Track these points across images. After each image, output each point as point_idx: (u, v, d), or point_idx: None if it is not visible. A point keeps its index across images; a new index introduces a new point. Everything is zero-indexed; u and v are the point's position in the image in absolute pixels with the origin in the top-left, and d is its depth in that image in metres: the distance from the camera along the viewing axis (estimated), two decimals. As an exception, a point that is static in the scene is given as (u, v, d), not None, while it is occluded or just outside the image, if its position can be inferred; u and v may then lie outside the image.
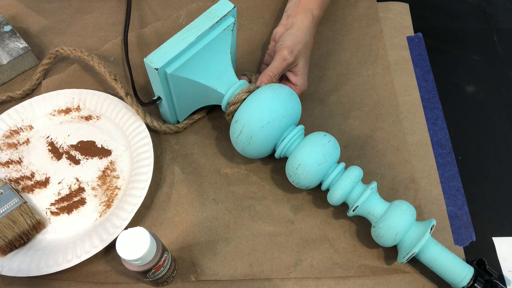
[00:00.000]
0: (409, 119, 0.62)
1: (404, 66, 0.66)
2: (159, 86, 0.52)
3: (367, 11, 0.71)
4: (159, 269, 0.45)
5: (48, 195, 0.55)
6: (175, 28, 0.69)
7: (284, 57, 0.55)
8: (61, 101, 0.61)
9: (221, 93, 0.53)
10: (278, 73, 0.55)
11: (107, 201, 0.55)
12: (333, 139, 0.50)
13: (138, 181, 0.54)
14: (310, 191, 0.56)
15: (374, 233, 0.49)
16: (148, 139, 0.57)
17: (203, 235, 0.53)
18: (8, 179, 0.56)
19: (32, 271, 0.48)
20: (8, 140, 0.58)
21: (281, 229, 0.54)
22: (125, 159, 0.57)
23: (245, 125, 0.49)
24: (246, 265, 0.52)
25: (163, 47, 0.49)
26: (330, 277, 0.51)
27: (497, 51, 0.69)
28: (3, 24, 0.66)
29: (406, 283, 0.51)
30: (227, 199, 0.56)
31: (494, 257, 0.53)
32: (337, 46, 0.68)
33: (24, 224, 0.51)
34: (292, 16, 0.60)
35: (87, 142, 0.59)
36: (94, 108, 0.60)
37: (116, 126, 0.59)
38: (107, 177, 0.56)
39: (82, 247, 0.50)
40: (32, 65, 0.66)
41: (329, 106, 0.63)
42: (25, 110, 0.60)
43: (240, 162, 0.58)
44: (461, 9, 0.73)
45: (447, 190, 0.57)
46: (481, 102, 0.64)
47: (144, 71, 0.65)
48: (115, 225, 0.51)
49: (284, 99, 0.50)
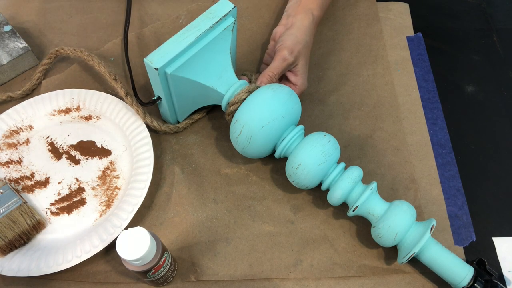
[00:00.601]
0: (409, 119, 0.62)
1: (404, 66, 0.66)
2: (159, 86, 0.52)
3: (367, 11, 0.71)
4: (159, 269, 0.45)
5: (48, 195, 0.55)
6: (175, 28, 0.69)
7: (284, 57, 0.55)
8: (61, 101, 0.60)
9: (221, 93, 0.53)
10: (278, 73, 0.55)
11: (107, 201, 0.55)
12: (333, 139, 0.50)
13: (138, 181, 0.54)
14: (310, 191, 0.56)
15: (374, 233, 0.49)
16: (148, 139, 0.57)
17: (203, 235, 0.53)
18: (8, 179, 0.56)
19: (32, 271, 0.48)
20: (8, 140, 0.58)
21: (281, 229, 0.54)
22: (125, 159, 0.57)
23: (245, 125, 0.49)
24: (246, 265, 0.52)
25: (163, 47, 0.49)
26: (330, 277, 0.51)
27: (497, 51, 0.69)
28: (3, 24, 0.66)
29: (406, 283, 0.51)
30: (227, 199, 0.56)
31: (494, 257, 0.53)
32: (337, 46, 0.68)
33: (24, 224, 0.51)
34: (292, 16, 0.60)
35: (87, 142, 0.59)
36: (94, 108, 0.60)
37: (116, 126, 0.59)
38: (107, 177, 0.56)
39: (82, 247, 0.50)
40: (32, 65, 0.66)
41: (329, 106, 0.63)
42: (25, 110, 0.60)
43: (240, 162, 0.58)
44: (461, 9, 0.73)
45: (447, 190, 0.57)
46: (481, 102, 0.64)
47: (144, 71, 0.65)
48: (115, 225, 0.51)
49: (284, 99, 0.50)
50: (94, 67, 0.61)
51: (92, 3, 0.73)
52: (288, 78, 0.59)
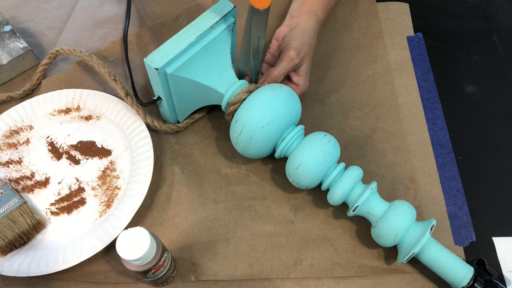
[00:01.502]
0: (409, 119, 0.62)
1: (404, 66, 0.66)
2: (159, 86, 0.52)
3: (367, 11, 0.71)
4: (159, 269, 0.45)
5: (48, 195, 0.55)
6: (175, 28, 0.69)
7: (291, 58, 0.55)
8: (61, 101, 0.61)
9: (221, 93, 0.53)
10: (284, 73, 0.55)
11: (107, 201, 0.55)
12: (333, 139, 0.50)
13: (138, 182, 0.54)
14: (310, 191, 0.56)
15: (374, 233, 0.49)
16: (148, 139, 0.56)
17: (203, 235, 0.53)
18: (8, 179, 0.56)
19: (32, 271, 0.48)
20: (8, 140, 0.58)
21: (281, 229, 0.54)
22: (125, 159, 0.57)
23: (245, 125, 0.49)
24: (246, 265, 0.52)
25: (163, 47, 0.49)
26: (330, 277, 0.51)
27: (497, 51, 0.69)
28: (3, 24, 0.66)
29: (406, 283, 0.51)
30: (227, 199, 0.56)
31: (494, 257, 0.53)
32: (337, 46, 0.68)
33: (24, 224, 0.51)
34: (297, 17, 0.59)
35: (87, 142, 0.59)
36: (94, 108, 0.60)
37: (116, 126, 0.59)
38: (107, 177, 0.56)
39: (82, 247, 0.50)
40: (32, 65, 0.66)
41: (329, 106, 0.63)
42: (25, 110, 0.60)
43: (240, 162, 0.58)
44: (461, 9, 0.73)
45: (447, 190, 0.57)
46: (481, 102, 0.64)
47: (144, 71, 0.65)
48: (115, 225, 0.51)
49: (284, 99, 0.50)
50: (94, 67, 0.61)
51: (92, 3, 0.73)
52: (291, 78, 0.59)
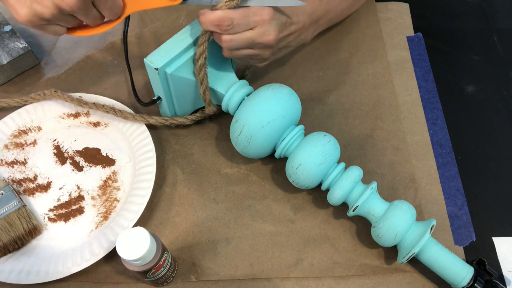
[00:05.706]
0: (409, 119, 0.62)
1: (404, 66, 0.66)
2: (159, 86, 0.52)
3: (366, 11, 0.71)
4: (159, 269, 0.45)
5: (47, 200, 0.55)
6: (175, 28, 0.69)
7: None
8: (71, 104, 0.60)
9: (221, 93, 0.53)
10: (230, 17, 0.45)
11: (105, 212, 0.54)
12: (333, 139, 0.50)
13: (137, 196, 0.53)
14: (311, 190, 0.56)
15: (374, 233, 0.49)
16: (152, 153, 0.56)
17: (203, 235, 0.53)
18: (11, 179, 0.56)
19: (21, 279, 0.48)
20: (16, 140, 0.58)
21: (282, 229, 0.54)
22: (127, 171, 0.57)
23: (245, 125, 0.49)
24: (247, 264, 0.52)
25: (163, 47, 0.49)
26: (331, 276, 0.51)
27: (497, 51, 0.69)
28: (3, 24, 0.66)
29: (406, 283, 0.51)
30: (227, 199, 0.56)
31: (494, 257, 0.53)
32: (337, 46, 0.68)
33: (20, 228, 0.50)
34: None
35: (93, 149, 0.58)
36: (103, 115, 0.60)
37: (123, 135, 0.59)
38: (107, 187, 0.56)
39: (74, 260, 0.49)
40: (32, 65, 0.66)
41: (329, 106, 0.63)
42: (36, 110, 0.60)
43: (240, 162, 0.58)
44: (461, 9, 0.73)
45: (447, 190, 0.57)
46: (481, 102, 0.64)
47: (144, 71, 0.65)
48: (109, 239, 0.51)
49: (284, 99, 0.50)
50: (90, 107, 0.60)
51: (92, 3, 0.73)
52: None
